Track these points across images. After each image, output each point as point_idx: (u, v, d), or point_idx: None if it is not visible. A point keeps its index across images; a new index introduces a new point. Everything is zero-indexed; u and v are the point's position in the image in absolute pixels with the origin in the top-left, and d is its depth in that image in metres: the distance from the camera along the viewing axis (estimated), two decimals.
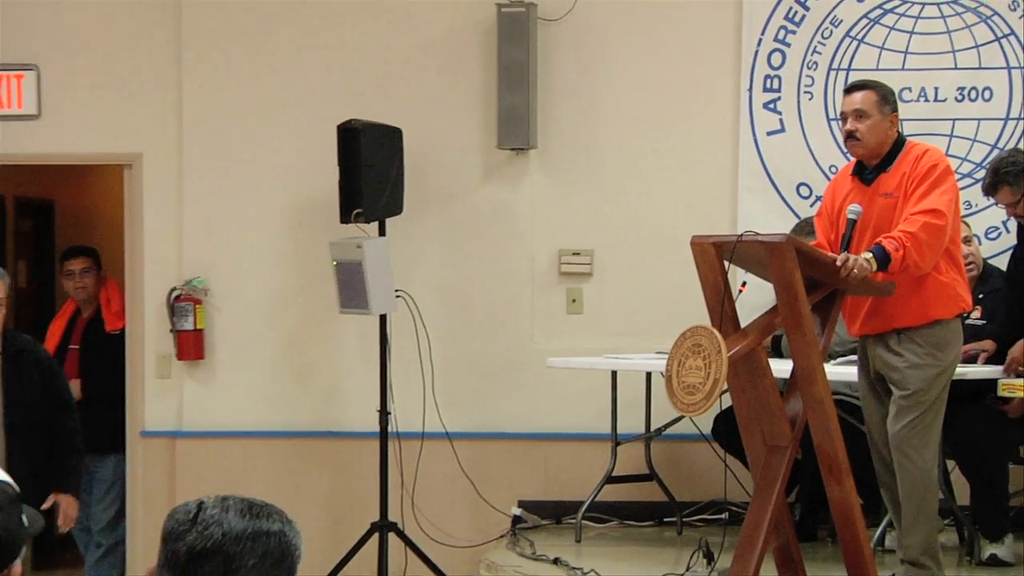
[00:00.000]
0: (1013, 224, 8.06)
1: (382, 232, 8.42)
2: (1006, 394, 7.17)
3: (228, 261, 9.21)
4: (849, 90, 6.81)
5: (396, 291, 8.39)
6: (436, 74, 9.03)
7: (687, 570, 7.28)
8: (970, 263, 7.72)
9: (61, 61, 9.19)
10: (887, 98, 6.66)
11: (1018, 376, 7.27)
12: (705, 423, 8.26)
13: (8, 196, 11.71)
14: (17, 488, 3.24)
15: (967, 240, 7.62)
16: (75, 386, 8.95)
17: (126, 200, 9.31)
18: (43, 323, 11.09)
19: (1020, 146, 8.42)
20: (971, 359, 7.38)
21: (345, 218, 8.27)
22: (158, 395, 9.37)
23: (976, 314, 7.54)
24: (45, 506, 7.06)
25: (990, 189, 7.39)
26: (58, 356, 9.01)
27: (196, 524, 2.56)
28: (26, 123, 9.21)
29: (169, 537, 2.53)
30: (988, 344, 7.40)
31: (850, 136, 6.59)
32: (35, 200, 12.25)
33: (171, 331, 8.92)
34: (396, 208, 8.45)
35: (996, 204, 7.60)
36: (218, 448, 9.28)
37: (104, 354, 9.27)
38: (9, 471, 5.63)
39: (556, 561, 7.59)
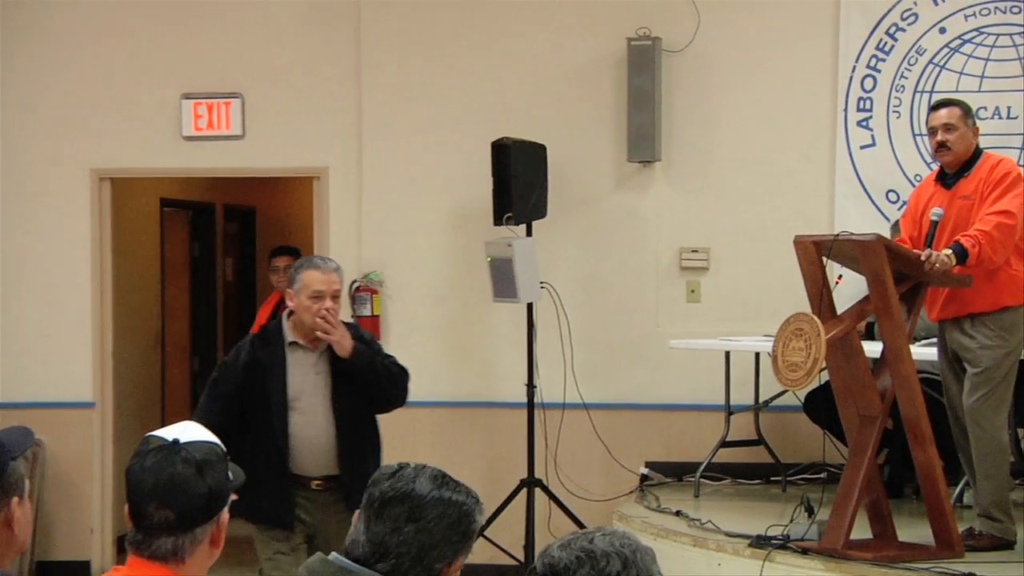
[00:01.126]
0: None
1: (529, 233, 9.02)
2: None
3: (399, 258, 9.87)
4: (936, 107, 7.22)
5: (541, 283, 9.01)
6: (575, 98, 9.60)
7: (790, 522, 7.60)
8: None
9: (261, 89, 9.92)
10: (969, 113, 7.11)
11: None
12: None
13: (218, 204, 12.77)
14: (223, 448, 3.59)
15: None
16: None
17: (315, 207, 10.11)
18: (244, 308, 13.10)
19: None
20: None
21: (497, 221, 8.93)
22: None
23: None
24: None
25: None
26: None
27: (392, 478, 3.08)
28: (233, 142, 10.00)
29: (372, 483, 3.15)
30: None
31: (941, 146, 6.99)
32: (240, 207, 13.31)
33: (352, 316, 9.49)
34: (541, 212, 9.11)
35: None
36: (391, 416, 9.76)
37: None
38: (339, 457, 5.68)
39: (678, 513, 8.13)
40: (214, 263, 13.20)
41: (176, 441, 3.38)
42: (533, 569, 2.60)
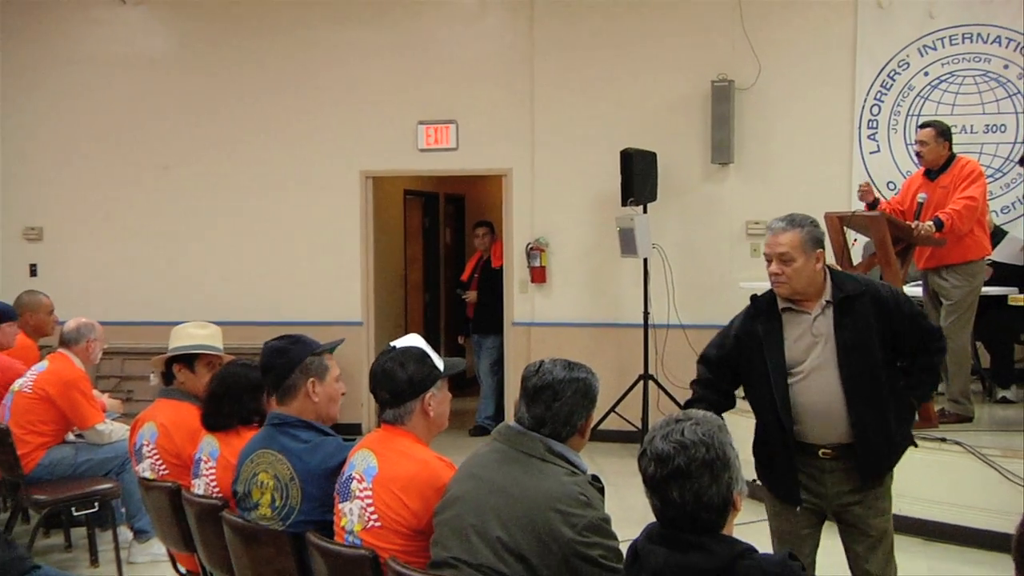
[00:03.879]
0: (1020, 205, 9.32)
1: (644, 211, 10.42)
2: (1013, 304, 8.23)
3: (558, 228, 11.40)
4: (922, 126, 8.33)
5: (652, 244, 10.46)
6: (677, 120, 11.01)
7: None
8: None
9: (468, 117, 11.60)
10: (944, 133, 8.07)
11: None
12: None
13: (440, 193, 14.91)
14: (424, 350, 4.21)
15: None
16: (471, 295, 12.04)
17: (504, 194, 11.69)
18: (457, 261, 15.05)
19: None
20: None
21: (624, 203, 10.39)
22: (521, 302, 11.59)
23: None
24: None
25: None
26: (469, 281, 12.16)
27: (537, 373, 3.84)
28: (449, 152, 11.72)
29: (524, 379, 3.83)
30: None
31: (919, 155, 8.21)
32: (455, 195, 15.47)
33: (528, 267, 11.40)
34: (653, 197, 10.57)
35: None
36: (551, 332, 11.18)
37: (493, 279, 11.84)
38: (851, 423, 4.62)
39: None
40: (438, 232, 15.13)
41: (392, 347, 4.19)
42: (644, 452, 3.04)
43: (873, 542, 4.97)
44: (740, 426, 4.85)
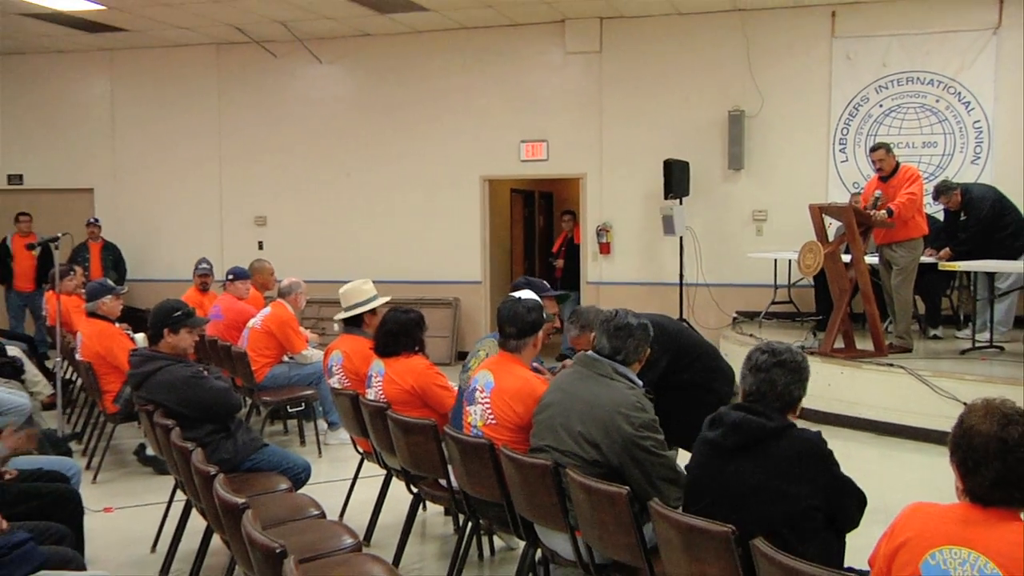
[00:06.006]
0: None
1: (680, 203, 10.68)
2: (944, 269, 8.47)
3: (619, 214, 11.48)
4: (873, 148, 8.42)
5: (686, 226, 10.72)
6: (703, 138, 11.06)
7: (804, 339, 8.59)
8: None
9: (556, 135, 11.60)
10: (890, 149, 8.29)
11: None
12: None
13: (536, 191, 14.93)
14: (538, 300, 4.26)
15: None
16: (560, 263, 11.77)
17: (580, 191, 11.75)
18: (547, 240, 14.79)
19: (947, 175, 9.98)
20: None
21: (666, 197, 10.62)
22: (593, 267, 11.57)
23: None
24: None
25: (935, 194, 9.08)
26: (558, 252, 11.93)
27: (615, 317, 3.89)
28: (542, 162, 11.77)
29: (604, 321, 3.88)
30: (944, 252, 8.79)
31: (879, 169, 8.22)
32: (546, 192, 15.44)
33: (597, 242, 11.45)
34: (686, 193, 10.80)
35: (937, 200, 9.20)
36: (614, 289, 11.29)
37: (574, 251, 11.76)
38: None
39: (751, 335, 8.93)
40: (534, 218, 15.19)
41: (518, 298, 4.36)
42: (756, 350, 3.15)
43: None
44: None
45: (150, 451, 6.72)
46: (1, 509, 3.57)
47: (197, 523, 4.65)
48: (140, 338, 7.43)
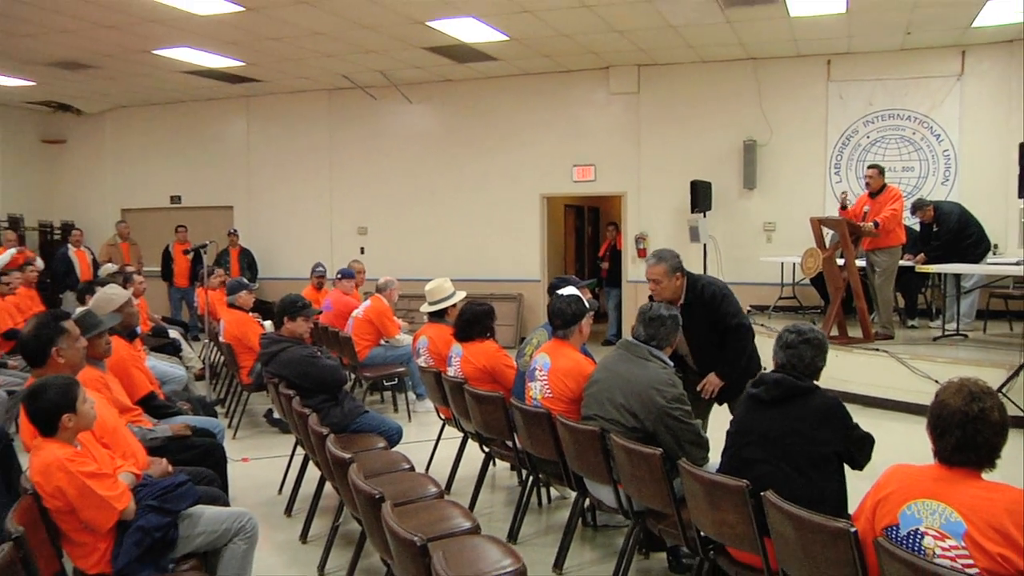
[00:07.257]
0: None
1: (704, 216, 10.53)
2: (919, 271, 8.35)
3: (654, 225, 11.26)
4: (871, 166, 8.24)
5: (709, 235, 10.57)
6: (723, 163, 10.85)
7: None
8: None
9: (601, 160, 11.33)
10: (882, 172, 8.10)
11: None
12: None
13: (585, 206, 14.55)
14: (578, 295, 4.09)
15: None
16: (605, 265, 11.42)
17: (622, 207, 11.53)
18: (594, 246, 13.99)
19: (922, 194, 9.81)
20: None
21: (693, 211, 10.13)
22: (632, 268, 11.29)
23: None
24: None
25: (913, 210, 8.91)
26: (604, 256, 11.58)
27: (651, 309, 3.71)
28: (591, 182, 11.20)
29: (641, 312, 3.80)
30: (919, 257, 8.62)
31: (867, 186, 8.17)
32: (594, 207, 14.96)
33: (636, 248, 11.28)
34: (709, 208, 10.62)
35: (914, 214, 9.00)
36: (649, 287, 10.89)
37: (617, 255, 11.53)
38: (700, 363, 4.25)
39: (761, 325, 8.40)
40: (584, 228, 14.80)
41: (560, 295, 4.26)
42: (786, 330, 3.06)
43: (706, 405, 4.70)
44: None
45: (276, 415, 6.77)
46: (169, 456, 3.71)
47: (313, 472, 4.69)
48: (268, 325, 7.40)
